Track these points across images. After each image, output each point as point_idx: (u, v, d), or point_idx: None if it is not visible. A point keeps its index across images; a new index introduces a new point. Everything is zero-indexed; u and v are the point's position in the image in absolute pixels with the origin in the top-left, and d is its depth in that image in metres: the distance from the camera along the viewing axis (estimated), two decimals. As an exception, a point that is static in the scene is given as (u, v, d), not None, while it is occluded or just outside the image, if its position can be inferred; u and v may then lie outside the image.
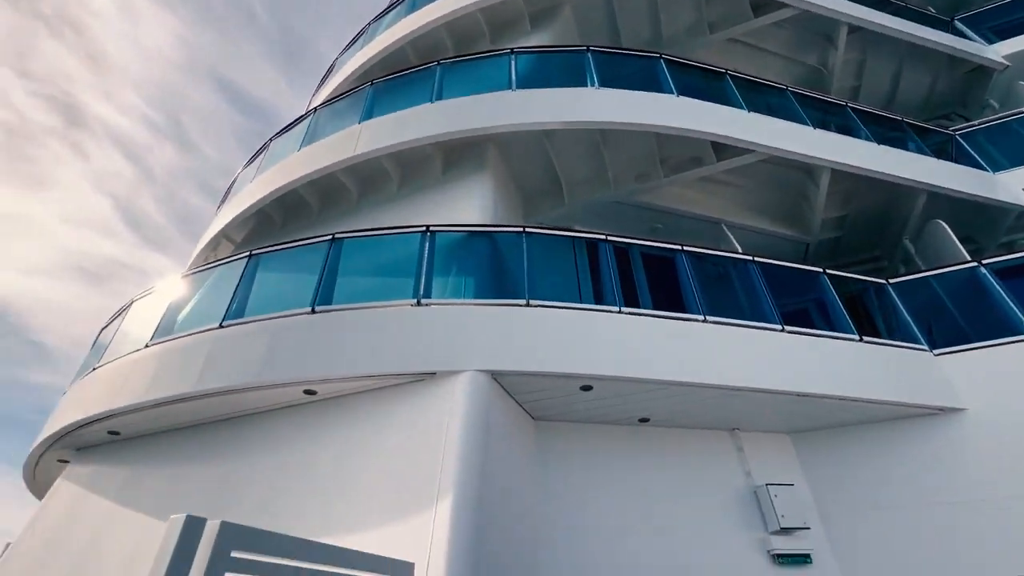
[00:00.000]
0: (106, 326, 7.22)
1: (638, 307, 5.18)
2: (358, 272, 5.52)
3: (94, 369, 6.14)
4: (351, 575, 2.40)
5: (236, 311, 5.32)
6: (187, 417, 5.23)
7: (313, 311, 4.95)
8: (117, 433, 5.65)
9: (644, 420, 5.40)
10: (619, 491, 4.98)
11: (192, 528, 1.71)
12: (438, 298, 4.94)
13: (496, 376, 4.49)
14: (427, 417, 4.21)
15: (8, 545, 5.78)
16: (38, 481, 7.00)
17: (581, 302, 5.16)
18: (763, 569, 4.82)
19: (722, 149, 7.50)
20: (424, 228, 5.43)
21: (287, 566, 2.05)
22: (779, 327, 5.40)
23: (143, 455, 5.50)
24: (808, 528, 5.03)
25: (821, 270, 6.25)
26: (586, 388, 4.72)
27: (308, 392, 4.72)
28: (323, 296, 5.09)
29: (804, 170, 8.04)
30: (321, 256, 5.43)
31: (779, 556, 4.88)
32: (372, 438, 4.35)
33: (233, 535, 1.82)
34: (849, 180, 8.00)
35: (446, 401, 4.22)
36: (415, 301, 4.85)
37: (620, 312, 5.03)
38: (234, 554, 1.83)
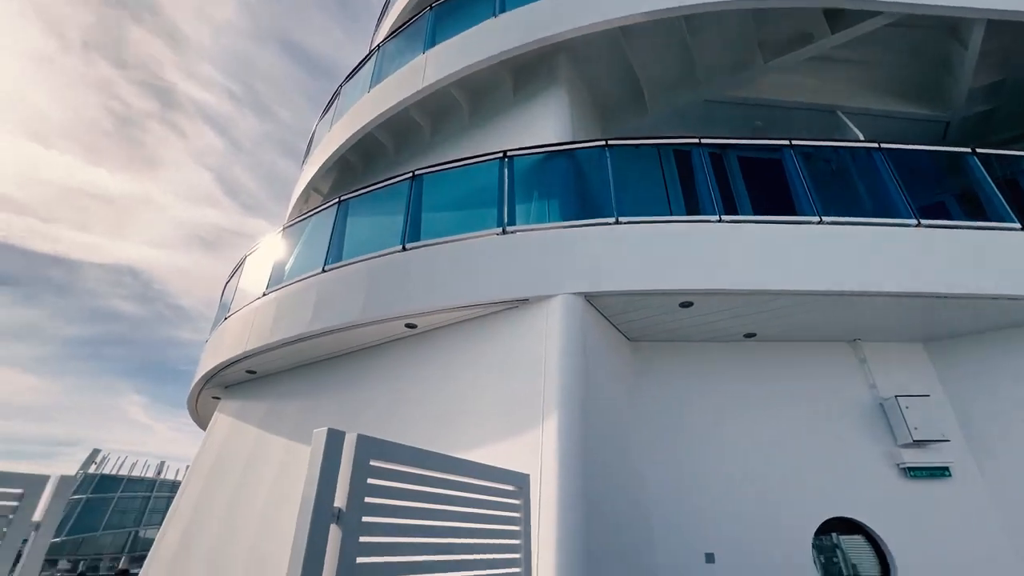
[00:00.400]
0: (228, 282, 8.03)
1: (738, 214, 4.70)
2: (441, 207, 5.51)
3: (225, 319, 6.90)
4: (473, 483, 2.52)
5: (335, 255, 5.61)
6: (308, 354, 5.75)
7: (404, 248, 5.07)
8: (253, 372, 6.40)
9: (750, 335, 5.07)
10: (723, 409, 4.80)
11: (334, 439, 1.84)
12: (523, 224, 4.81)
13: (589, 298, 4.37)
14: (525, 342, 4.24)
15: (188, 467, 6.98)
16: (200, 415, 8.25)
17: (672, 215, 4.79)
18: (892, 483, 4.51)
19: (838, 17, 6.30)
20: (501, 154, 5.23)
21: (418, 474, 2.17)
22: (914, 222, 4.66)
23: (278, 390, 6.20)
24: (947, 441, 4.57)
25: (969, 150, 5.22)
26: (685, 304, 4.46)
27: (409, 326, 4.94)
28: (411, 233, 5.18)
29: (947, 28, 6.57)
30: (404, 194, 5.48)
31: (911, 469, 4.52)
32: (474, 365, 4.49)
33: (368, 445, 1.94)
34: (1009, 33, 6.43)
35: (541, 326, 4.20)
36: (500, 230, 4.78)
37: (720, 221, 4.60)
38: (372, 462, 1.96)
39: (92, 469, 19.69)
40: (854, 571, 4.28)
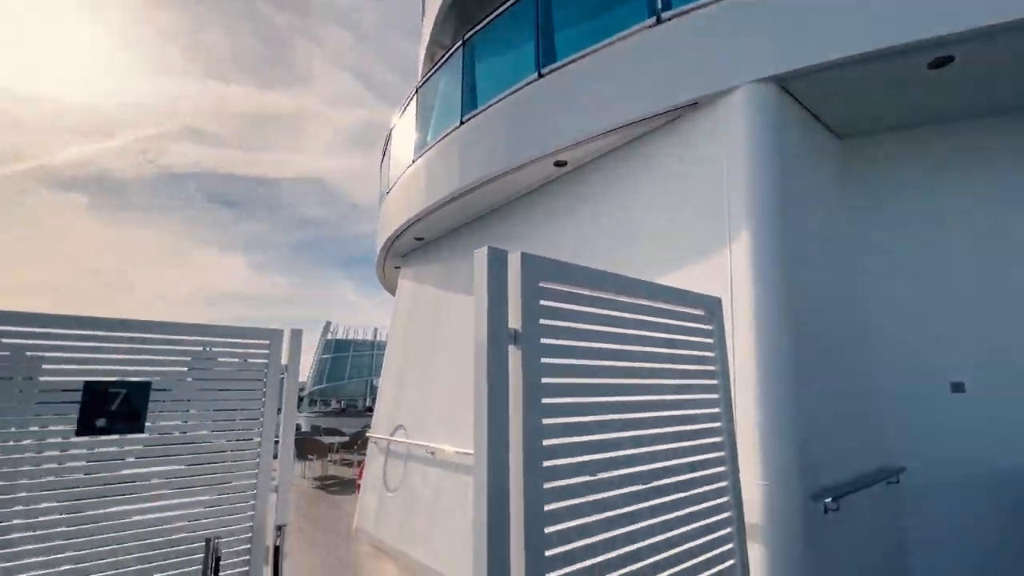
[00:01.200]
0: (382, 160, 8.40)
1: None
2: (576, 14, 4.60)
3: (387, 193, 7.30)
4: (657, 306, 2.19)
5: (469, 103, 5.24)
6: (468, 212, 5.77)
7: (539, 75, 4.43)
8: (421, 238, 6.79)
9: (1045, 98, 3.46)
10: (983, 213, 3.54)
11: (496, 258, 1.61)
12: (681, 6, 3.73)
13: (782, 83, 3.31)
14: (699, 155, 3.50)
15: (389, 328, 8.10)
16: (389, 285, 9.38)
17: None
18: None
19: None
20: (643, -85, 3.97)
21: (594, 296, 1.89)
22: None
23: (445, 252, 6.53)
24: None
25: None
26: (939, 63, 3.11)
27: (559, 164, 4.49)
28: (544, 55, 4.47)
29: None
30: (529, 10, 4.67)
31: None
32: (638, 193, 3.94)
33: (535, 264, 1.68)
34: None
35: (720, 130, 3.38)
36: (652, 20, 3.79)
37: (1013, -89, 2.91)
38: (542, 284, 1.71)
39: (328, 336, 25.65)
40: None
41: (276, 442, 3.39)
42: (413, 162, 6.35)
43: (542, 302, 1.72)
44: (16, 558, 2.21)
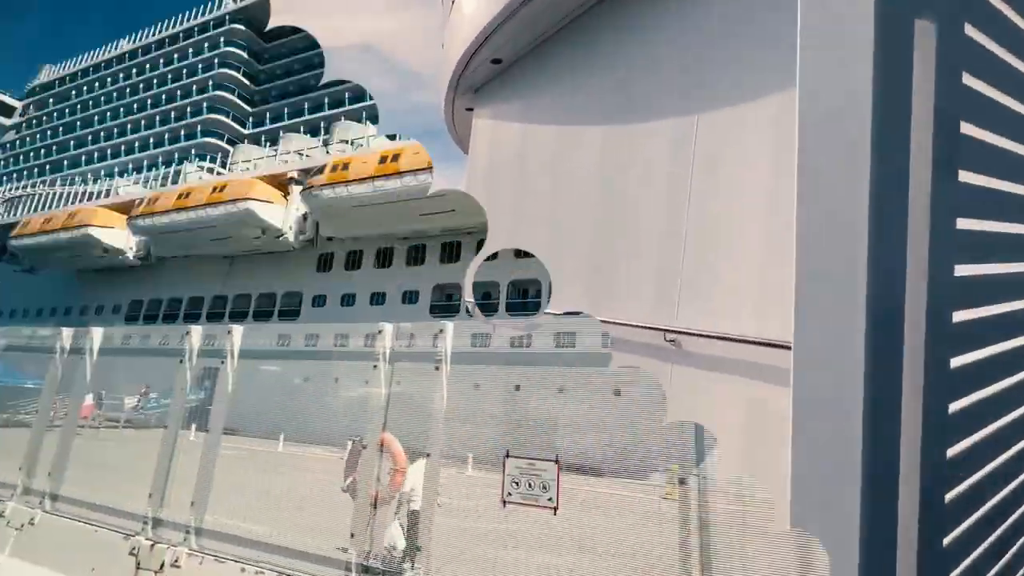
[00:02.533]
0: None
1: None
2: None
3: (451, 4, 5.74)
4: None
5: None
6: (564, 9, 4.26)
7: None
8: (499, 60, 5.34)
9: None
10: None
11: None
12: None
13: None
14: None
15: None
16: (462, 137, 8.11)
17: None
18: None
19: None
20: None
21: None
22: None
23: (532, 76, 5.16)
24: None
25: None
26: None
27: None
28: None
29: None
30: None
31: None
32: None
33: None
34: None
35: None
36: None
37: None
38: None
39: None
40: None
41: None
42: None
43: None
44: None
